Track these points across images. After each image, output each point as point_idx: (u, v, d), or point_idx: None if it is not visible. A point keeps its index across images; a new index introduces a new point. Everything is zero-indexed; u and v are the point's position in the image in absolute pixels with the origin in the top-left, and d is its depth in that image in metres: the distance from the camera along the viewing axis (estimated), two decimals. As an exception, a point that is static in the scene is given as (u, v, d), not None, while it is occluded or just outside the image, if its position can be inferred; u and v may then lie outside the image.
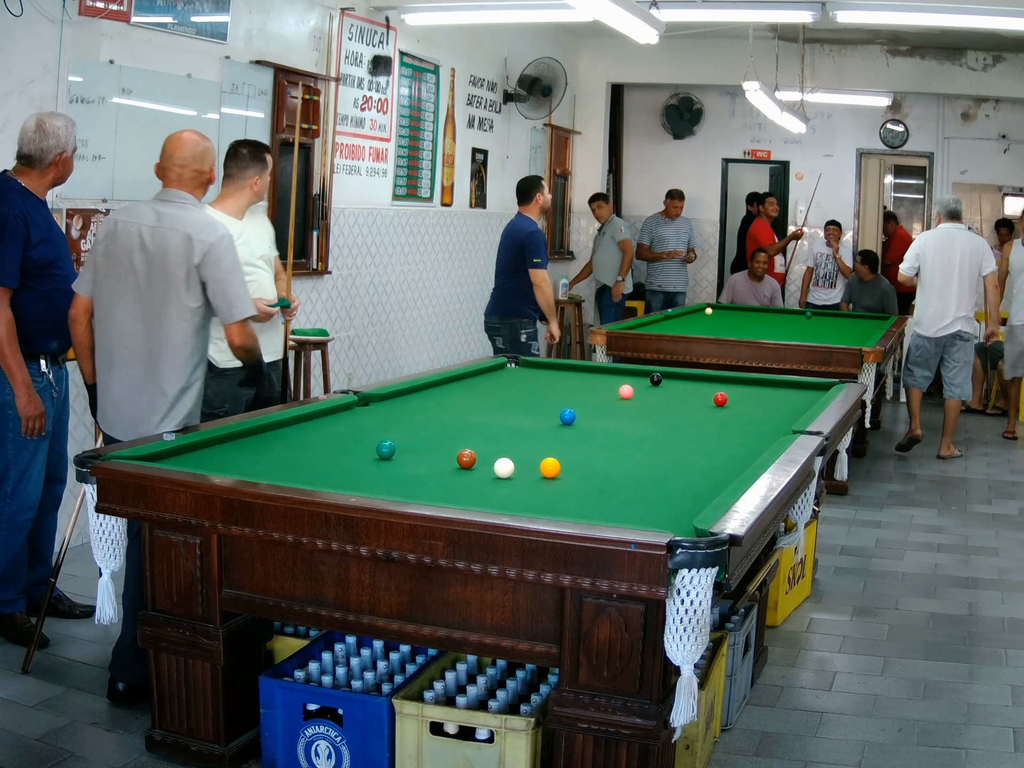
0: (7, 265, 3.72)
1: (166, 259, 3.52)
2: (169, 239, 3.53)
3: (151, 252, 3.54)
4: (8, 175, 3.89)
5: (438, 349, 8.61)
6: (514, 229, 6.75)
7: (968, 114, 10.83)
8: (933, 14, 6.74)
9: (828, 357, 6.36)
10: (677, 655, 2.41)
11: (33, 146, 3.83)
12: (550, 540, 2.45)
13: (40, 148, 3.83)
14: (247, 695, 3.07)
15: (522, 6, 7.20)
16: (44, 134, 3.84)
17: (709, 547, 2.37)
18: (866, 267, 9.60)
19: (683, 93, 11.53)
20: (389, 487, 2.91)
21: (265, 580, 2.90)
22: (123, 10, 4.99)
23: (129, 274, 3.55)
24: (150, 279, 3.54)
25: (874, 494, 6.62)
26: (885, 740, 3.43)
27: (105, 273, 3.60)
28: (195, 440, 3.32)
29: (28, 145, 3.84)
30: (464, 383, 4.83)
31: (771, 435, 3.69)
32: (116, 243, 3.58)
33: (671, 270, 10.36)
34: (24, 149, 3.85)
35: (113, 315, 3.58)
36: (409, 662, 3.20)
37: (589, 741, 2.59)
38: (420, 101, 7.95)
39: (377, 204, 7.50)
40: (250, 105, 6.01)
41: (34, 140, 3.83)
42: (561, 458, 3.14)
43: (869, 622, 4.50)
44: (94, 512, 2.97)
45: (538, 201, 6.80)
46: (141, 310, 3.54)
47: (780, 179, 11.57)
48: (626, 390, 4.54)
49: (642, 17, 5.58)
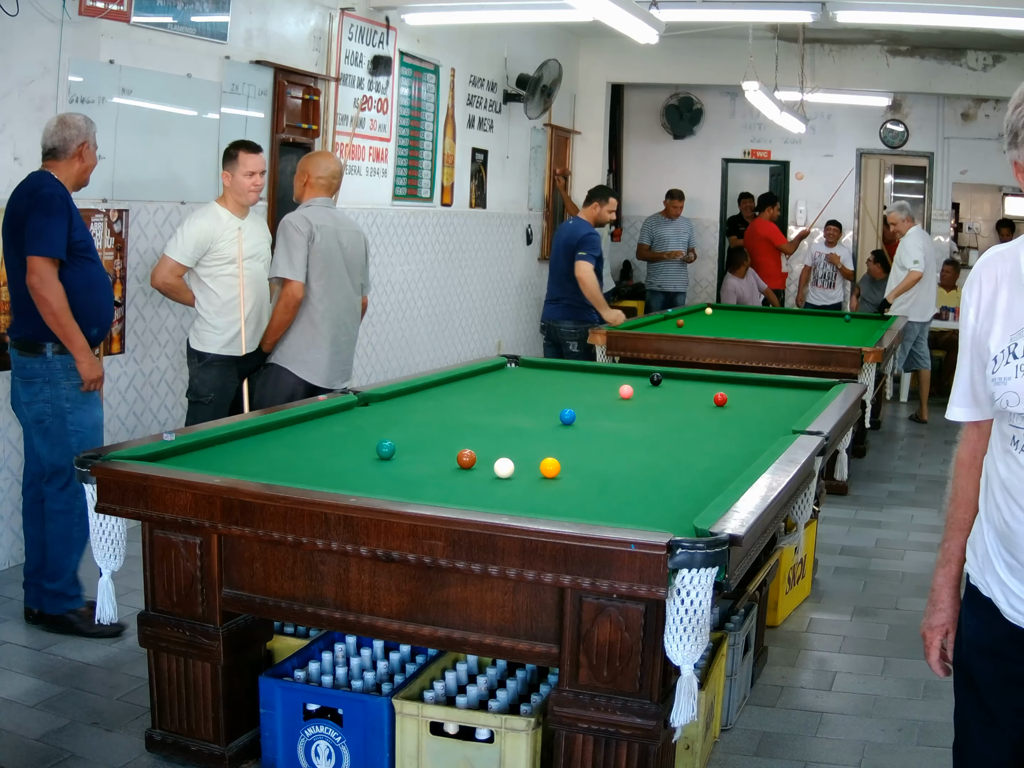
0: (55, 238, 3.90)
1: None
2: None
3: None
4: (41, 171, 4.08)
5: (438, 349, 8.60)
6: (571, 231, 7.04)
7: (968, 114, 10.83)
8: (933, 14, 6.73)
9: (828, 357, 6.36)
10: (677, 655, 2.41)
11: (56, 138, 4.03)
12: (550, 540, 2.45)
13: (63, 139, 4.03)
14: (247, 695, 3.07)
15: (522, 6, 7.19)
16: (65, 126, 4.04)
17: (709, 547, 2.37)
18: (879, 265, 9.72)
19: (683, 93, 11.53)
20: (389, 487, 2.91)
21: (265, 580, 2.90)
22: (123, 10, 4.99)
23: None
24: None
25: (874, 494, 6.62)
26: (885, 740, 3.43)
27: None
28: (195, 440, 3.32)
29: (51, 139, 4.04)
30: (464, 383, 4.83)
31: (771, 435, 3.69)
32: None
33: (671, 270, 10.37)
34: (48, 143, 4.04)
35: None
36: (409, 662, 3.20)
37: (589, 741, 2.59)
38: (420, 101, 7.94)
39: (377, 204, 7.50)
40: (250, 105, 6.01)
41: (56, 133, 4.03)
42: (561, 458, 3.14)
43: (869, 622, 4.50)
44: (94, 512, 2.97)
45: (594, 210, 7.06)
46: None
47: (780, 179, 11.57)
48: (626, 390, 4.54)
49: (642, 17, 5.58)
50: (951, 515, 2.16)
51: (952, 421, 2.12)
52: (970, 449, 2.12)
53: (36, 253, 3.86)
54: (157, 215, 5.42)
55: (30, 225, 3.86)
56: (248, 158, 4.77)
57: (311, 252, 4.68)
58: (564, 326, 6.98)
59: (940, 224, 11.07)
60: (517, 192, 9.75)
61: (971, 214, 11.37)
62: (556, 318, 7.03)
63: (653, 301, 10.41)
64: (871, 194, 12.06)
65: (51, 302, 3.88)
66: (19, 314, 4.04)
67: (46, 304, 3.88)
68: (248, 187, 4.77)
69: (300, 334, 4.75)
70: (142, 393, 5.43)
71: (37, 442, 4.06)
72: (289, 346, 4.76)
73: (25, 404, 4.06)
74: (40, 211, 3.87)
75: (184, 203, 5.44)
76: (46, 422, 4.03)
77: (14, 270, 4.00)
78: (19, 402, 4.11)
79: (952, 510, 2.16)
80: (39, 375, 4.01)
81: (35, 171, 4.06)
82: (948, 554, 2.17)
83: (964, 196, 11.11)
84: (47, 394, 4.02)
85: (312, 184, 4.85)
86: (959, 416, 2.09)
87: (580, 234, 6.90)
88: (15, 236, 3.95)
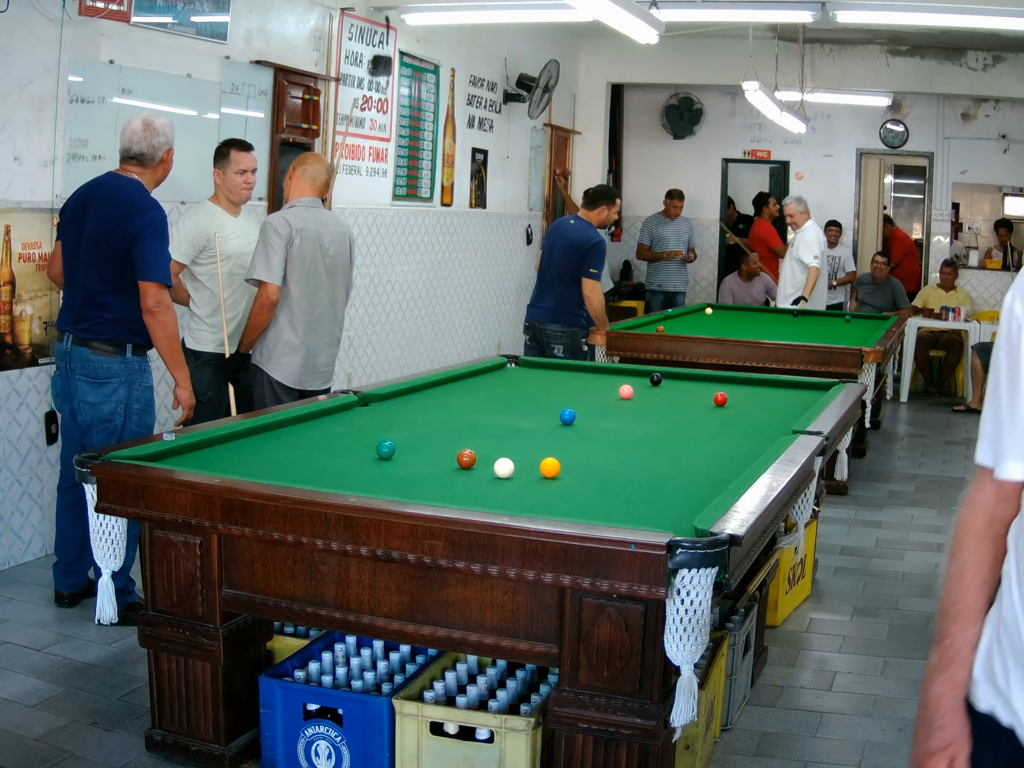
0: (167, 264, 4.04)
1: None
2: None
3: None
4: (123, 175, 4.09)
5: (438, 349, 8.60)
6: (578, 235, 6.67)
7: (968, 114, 10.83)
8: (933, 14, 6.73)
9: (828, 357, 6.36)
10: (677, 655, 2.41)
11: (145, 144, 4.05)
12: (550, 540, 2.45)
13: (152, 145, 4.06)
14: (247, 695, 3.07)
15: (522, 6, 7.19)
16: (153, 132, 4.06)
17: (709, 547, 2.37)
18: (886, 259, 9.90)
19: (683, 93, 11.53)
20: (389, 487, 2.91)
21: (265, 580, 2.90)
22: (123, 10, 4.99)
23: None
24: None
25: (874, 494, 6.62)
26: (885, 740, 3.42)
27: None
28: (195, 440, 3.32)
29: (139, 144, 4.05)
30: (464, 383, 4.83)
31: (771, 435, 3.69)
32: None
33: (671, 270, 10.37)
34: (135, 148, 4.06)
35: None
36: (409, 662, 3.20)
37: (589, 741, 2.59)
38: (420, 101, 7.94)
39: (377, 204, 7.50)
40: (250, 105, 6.01)
41: (145, 138, 4.05)
42: (561, 458, 3.14)
43: (869, 622, 4.50)
44: (94, 512, 2.97)
45: (601, 213, 6.74)
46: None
47: (780, 179, 11.57)
48: (626, 390, 4.54)
49: (642, 17, 5.58)
50: (954, 601, 1.61)
51: (976, 462, 1.62)
52: (985, 514, 1.59)
53: (156, 280, 3.97)
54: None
55: (147, 249, 3.94)
56: (240, 156, 4.78)
57: (290, 255, 4.64)
58: (550, 328, 6.71)
59: (940, 224, 11.07)
60: (517, 192, 9.75)
61: (971, 214, 11.37)
62: (542, 320, 6.76)
63: (653, 301, 10.41)
64: (871, 194, 12.06)
65: (169, 326, 4.02)
66: (93, 315, 4.03)
67: (164, 328, 4.01)
68: (240, 185, 4.79)
69: (276, 336, 4.73)
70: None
71: (99, 441, 4.03)
72: (266, 347, 4.75)
73: (90, 404, 4.05)
74: (155, 235, 3.96)
75: (184, 203, 5.44)
76: (115, 421, 4.07)
77: (96, 273, 4.00)
78: (74, 401, 4.08)
79: (957, 594, 1.61)
80: (116, 375, 4.05)
81: (128, 178, 4.06)
82: (952, 653, 1.60)
83: (964, 196, 11.10)
84: (122, 395, 4.07)
85: (299, 184, 4.81)
86: (1016, 474, 1.54)
87: (590, 242, 6.59)
88: (110, 245, 3.96)
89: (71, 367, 4.08)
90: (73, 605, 4.30)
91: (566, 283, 6.66)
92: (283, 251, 4.62)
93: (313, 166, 4.85)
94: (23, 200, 4.61)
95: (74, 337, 4.06)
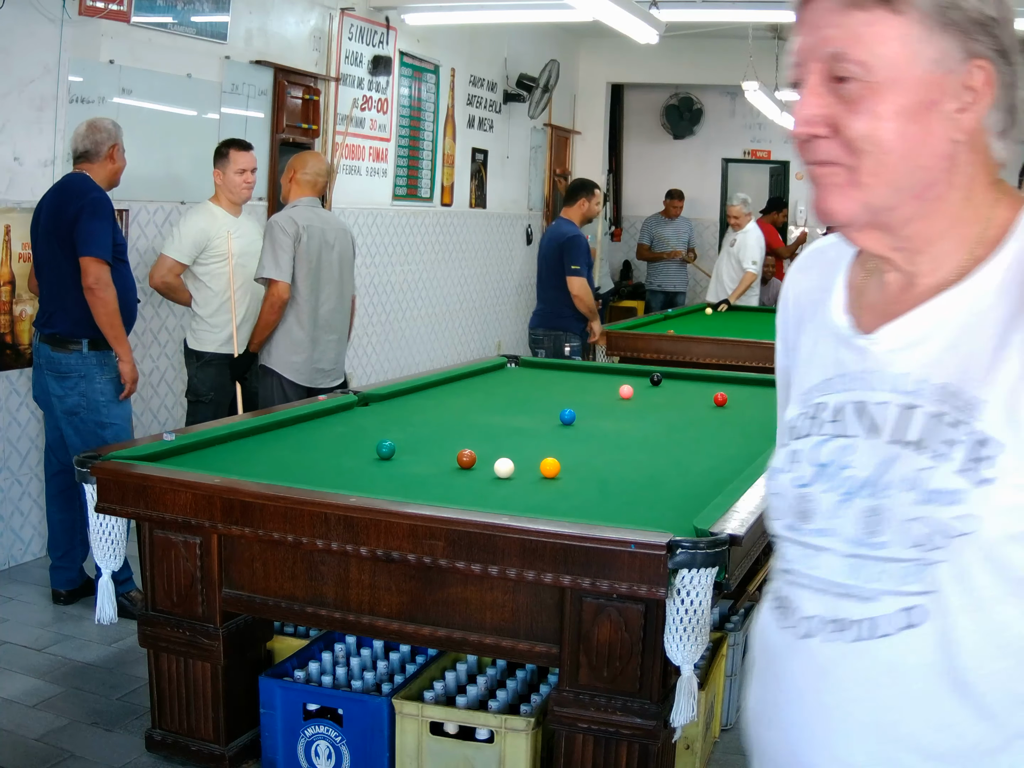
0: (106, 241, 4.05)
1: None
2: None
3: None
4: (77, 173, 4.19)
5: (438, 349, 8.61)
6: (554, 234, 6.52)
7: (968, 114, 10.82)
8: (933, 14, 6.72)
9: (828, 357, 6.34)
10: (677, 655, 2.41)
11: (88, 141, 4.16)
12: (550, 540, 2.45)
13: (95, 141, 4.16)
14: (247, 695, 3.07)
15: (522, 6, 7.19)
16: (95, 129, 4.17)
17: (709, 547, 2.37)
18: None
19: (683, 93, 11.53)
20: (389, 487, 2.91)
21: (265, 580, 2.90)
22: (123, 10, 4.99)
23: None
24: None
25: (874, 494, 6.60)
26: (885, 740, 3.41)
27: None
28: (195, 440, 3.32)
29: (83, 142, 4.17)
30: (464, 383, 4.83)
31: (771, 435, 3.67)
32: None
33: (671, 270, 10.37)
34: (80, 147, 4.17)
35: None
36: (409, 662, 3.20)
37: (589, 741, 2.59)
38: (420, 101, 7.95)
39: (377, 204, 7.50)
40: (250, 105, 6.01)
41: (87, 136, 4.17)
42: (561, 458, 3.14)
43: (869, 622, 4.49)
44: (94, 512, 2.97)
45: (582, 207, 6.48)
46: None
47: (780, 179, 11.57)
48: (626, 390, 4.54)
49: (642, 17, 5.59)
50: None
51: None
52: None
53: (93, 255, 4.00)
54: (157, 215, 5.42)
55: (83, 228, 3.99)
56: (239, 156, 4.81)
57: (297, 253, 4.66)
58: (533, 333, 6.60)
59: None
60: (517, 192, 9.75)
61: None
62: (531, 325, 6.68)
63: (653, 301, 10.40)
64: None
65: (109, 303, 4.04)
66: (53, 311, 4.15)
67: (104, 305, 4.03)
68: (240, 185, 4.81)
69: (285, 334, 4.74)
70: (142, 393, 5.42)
71: (69, 433, 4.18)
72: (276, 346, 4.75)
73: (58, 397, 4.17)
74: (92, 215, 4.00)
75: (184, 203, 5.44)
76: (81, 414, 4.15)
77: (51, 267, 4.11)
78: (48, 395, 4.21)
79: None
80: (74, 370, 4.13)
81: (73, 173, 4.18)
82: None
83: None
84: (82, 388, 4.14)
85: (298, 183, 4.82)
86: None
87: (564, 236, 6.35)
88: (57, 235, 4.05)
89: (40, 362, 4.23)
90: (70, 602, 4.32)
91: (551, 286, 6.50)
92: (291, 249, 4.63)
93: (313, 166, 4.85)
94: (23, 200, 4.60)
95: (40, 334, 4.21)
